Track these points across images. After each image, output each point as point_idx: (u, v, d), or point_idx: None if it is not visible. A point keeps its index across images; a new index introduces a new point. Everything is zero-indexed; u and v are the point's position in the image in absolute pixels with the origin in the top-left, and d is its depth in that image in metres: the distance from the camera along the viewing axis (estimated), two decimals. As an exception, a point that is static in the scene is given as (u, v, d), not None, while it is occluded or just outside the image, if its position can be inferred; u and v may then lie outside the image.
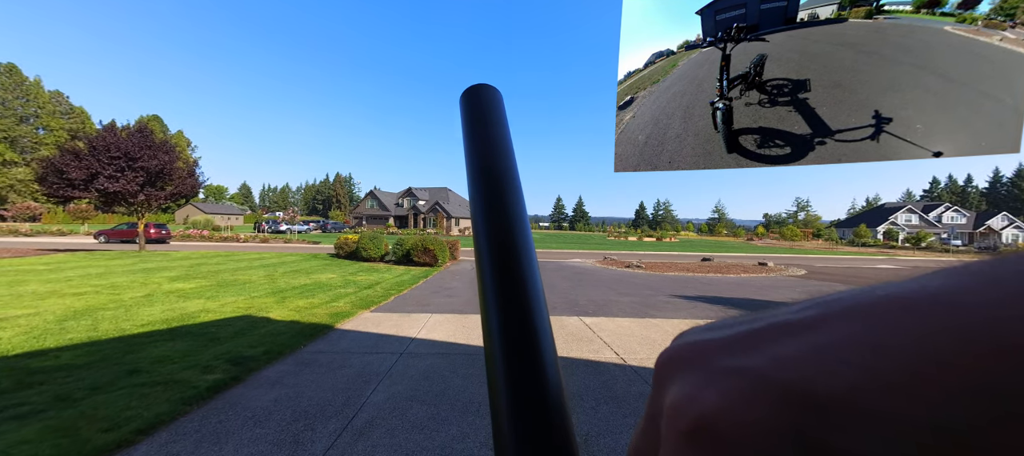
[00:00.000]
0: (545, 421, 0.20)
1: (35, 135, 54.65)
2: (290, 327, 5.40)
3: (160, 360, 4.02)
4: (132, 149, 16.04)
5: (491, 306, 0.24)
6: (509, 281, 0.24)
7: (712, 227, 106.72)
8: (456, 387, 3.50)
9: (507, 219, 0.28)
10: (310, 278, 10.28)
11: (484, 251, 0.26)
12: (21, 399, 3.11)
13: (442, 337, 5.13)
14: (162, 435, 2.67)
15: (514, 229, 0.28)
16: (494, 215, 0.29)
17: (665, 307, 7.73)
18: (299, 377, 3.68)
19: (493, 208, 0.29)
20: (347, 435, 2.69)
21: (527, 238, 0.28)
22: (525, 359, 0.21)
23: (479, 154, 0.33)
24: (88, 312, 6.04)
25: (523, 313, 0.23)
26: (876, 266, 20.47)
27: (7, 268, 10.83)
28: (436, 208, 57.22)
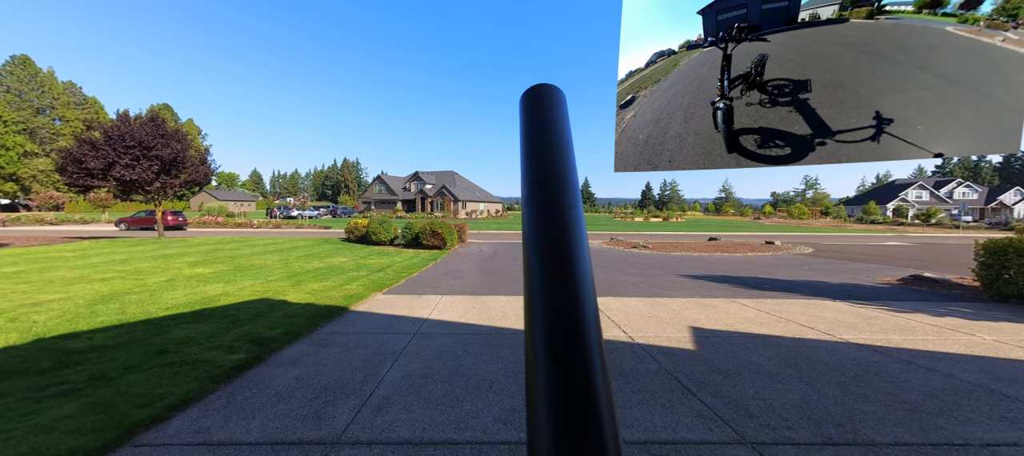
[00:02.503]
0: (586, 414, 0.19)
1: (52, 126, 55.77)
2: (306, 309, 5.58)
3: (186, 341, 4.21)
4: (146, 138, 16.31)
5: (537, 302, 0.23)
6: (560, 284, 0.23)
7: (719, 206, 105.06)
8: (468, 365, 3.61)
9: (562, 223, 0.26)
10: (323, 262, 10.51)
11: (534, 251, 0.25)
12: (61, 378, 3.31)
13: (453, 318, 5.25)
14: (193, 411, 2.83)
15: (569, 234, 0.25)
16: (548, 216, 0.27)
17: (672, 287, 7.75)
18: (318, 356, 3.83)
19: (547, 208, 0.27)
20: (366, 410, 2.82)
21: (582, 244, 0.26)
22: (572, 358, 0.20)
23: (536, 156, 0.31)
24: (115, 296, 6.31)
25: (572, 315, 0.21)
26: (883, 243, 20.02)
27: (37, 255, 11.30)
28: (443, 192, 57.30)
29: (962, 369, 3.66)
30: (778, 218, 68.47)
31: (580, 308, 0.22)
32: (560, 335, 0.20)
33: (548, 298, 0.22)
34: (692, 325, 5.03)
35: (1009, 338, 4.61)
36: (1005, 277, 6.56)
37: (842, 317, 5.57)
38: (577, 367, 0.20)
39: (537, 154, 0.31)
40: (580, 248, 0.25)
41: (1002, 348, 4.26)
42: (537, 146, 0.32)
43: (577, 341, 0.20)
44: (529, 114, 0.34)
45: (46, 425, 2.59)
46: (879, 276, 9.48)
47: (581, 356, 0.20)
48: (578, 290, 0.23)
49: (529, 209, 0.28)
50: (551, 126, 0.33)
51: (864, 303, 6.45)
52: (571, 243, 0.25)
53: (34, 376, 3.34)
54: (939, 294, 7.30)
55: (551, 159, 0.30)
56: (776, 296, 7.00)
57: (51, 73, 57.16)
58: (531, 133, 0.33)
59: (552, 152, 0.31)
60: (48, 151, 50.65)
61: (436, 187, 59.24)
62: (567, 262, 0.24)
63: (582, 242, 0.26)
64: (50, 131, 55.27)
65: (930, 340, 4.52)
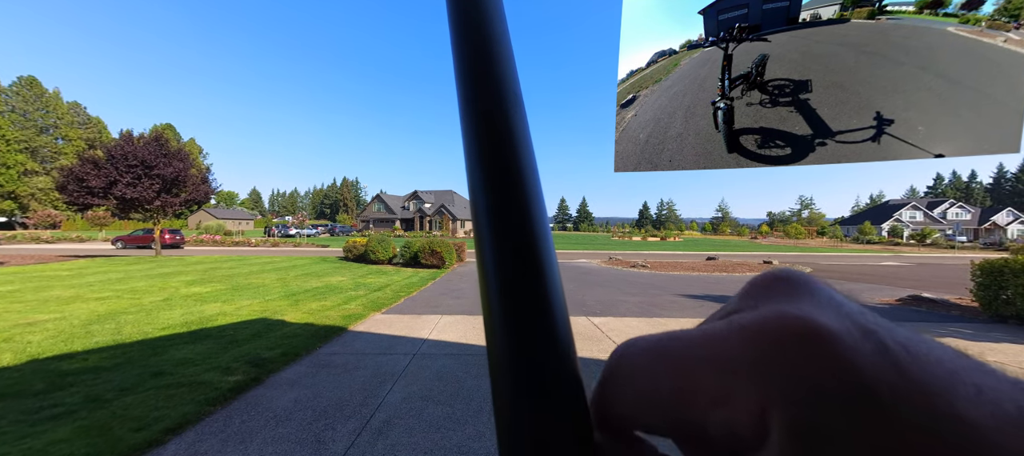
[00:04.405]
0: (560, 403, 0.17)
1: (54, 145, 56.25)
2: (305, 329, 5.52)
3: (183, 362, 4.16)
4: (148, 157, 16.47)
5: (495, 296, 0.19)
6: (523, 279, 0.19)
7: (716, 226, 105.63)
8: (469, 387, 3.57)
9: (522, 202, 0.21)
10: (321, 281, 10.45)
11: (487, 239, 0.20)
12: (55, 400, 3.25)
13: (453, 338, 5.21)
14: (189, 434, 2.78)
15: (530, 214, 0.21)
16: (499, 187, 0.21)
17: (671, 306, 7.72)
18: (317, 378, 3.78)
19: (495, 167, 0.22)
20: (367, 434, 2.77)
21: (545, 231, 0.21)
22: (538, 356, 0.18)
23: (476, 98, 0.23)
24: (111, 316, 6.24)
25: (538, 309, 0.19)
26: (880, 263, 20.10)
27: (33, 274, 11.19)
28: (441, 210, 57.53)
29: (966, 391, 3.65)
30: (775, 238, 68.76)
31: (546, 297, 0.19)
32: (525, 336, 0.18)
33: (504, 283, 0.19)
34: (694, 346, 5.00)
35: (1012, 360, 4.60)
36: (1003, 297, 6.59)
37: (843, 338, 5.55)
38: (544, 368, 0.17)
39: (479, 94, 0.23)
40: (542, 228, 0.21)
41: (1006, 370, 4.25)
42: (474, 80, 0.23)
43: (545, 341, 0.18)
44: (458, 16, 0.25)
45: (40, 449, 2.54)
46: (878, 296, 9.49)
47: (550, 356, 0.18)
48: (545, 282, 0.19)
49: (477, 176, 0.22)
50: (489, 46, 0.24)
51: (864, 323, 6.43)
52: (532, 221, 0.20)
53: (28, 398, 3.28)
54: (938, 314, 7.31)
55: (494, 105, 0.23)
56: (776, 316, 6.97)
57: (57, 93, 58.16)
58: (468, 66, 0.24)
59: (494, 91, 0.23)
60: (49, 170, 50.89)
61: (435, 206, 59.50)
62: (528, 246, 0.20)
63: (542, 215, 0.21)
64: (52, 150, 55.71)
65: (932, 361, 4.50)
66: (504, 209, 0.20)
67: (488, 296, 0.19)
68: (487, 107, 0.23)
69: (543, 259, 0.20)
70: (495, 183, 0.21)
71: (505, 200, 0.21)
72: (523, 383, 0.17)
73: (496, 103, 0.23)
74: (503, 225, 0.20)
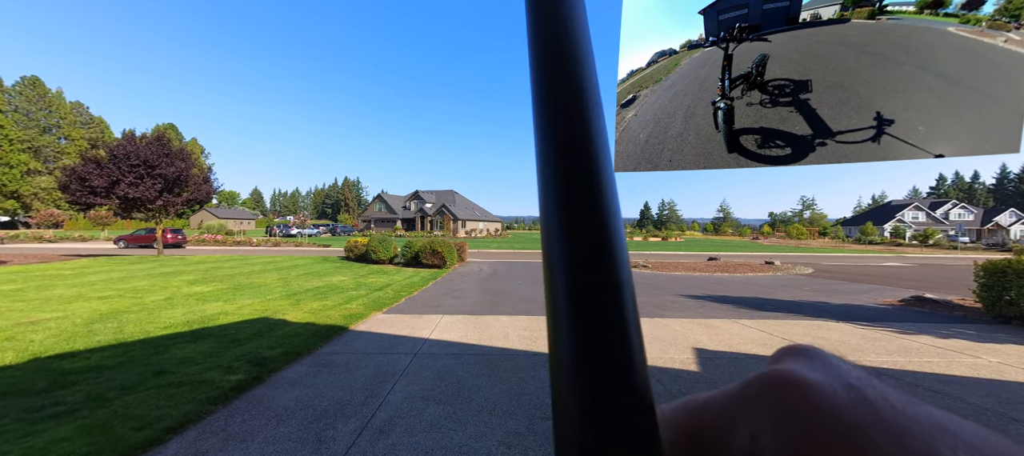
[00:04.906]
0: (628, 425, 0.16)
1: (57, 145, 56.49)
2: (306, 328, 5.53)
3: (184, 361, 4.16)
4: (151, 157, 16.52)
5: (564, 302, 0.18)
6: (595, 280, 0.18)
7: (717, 226, 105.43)
8: (471, 387, 3.57)
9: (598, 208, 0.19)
10: (323, 281, 10.46)
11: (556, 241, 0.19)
12: (57, 399, 3.26)
13: (454, 338, 5.21)
14: (191, 433, 2.78)
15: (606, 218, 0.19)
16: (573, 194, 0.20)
17: (673, 307, 7.71)
18: (318, 377, 3.78)
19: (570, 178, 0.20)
20: (368, 434, 2.77)
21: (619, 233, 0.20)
22: (612, 366, 0.16)
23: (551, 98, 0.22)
24: (113, 315, 6.25)
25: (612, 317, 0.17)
26: (883, 263, 20.03)
27: (35, 273, 11.24)
28: (443, 210, 57.54)
29: (970, 392, 3.63)
30: (776, 238, 68.60)
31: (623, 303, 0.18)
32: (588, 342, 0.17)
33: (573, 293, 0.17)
34: (695, 346, 4.99)
35: (1014, 361, 4.58)
36: (1006, 298, 6.56)
37: (846, 338, 5.54)
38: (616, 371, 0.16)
39: (552, 96, 0.22)
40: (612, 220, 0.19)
41: (1007, 371, 4.23)
42: (552, 81, 0.22)
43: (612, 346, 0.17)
44: (537, 27, 0.24)
45: (41, 448, 2.54)
46: (880, 297, 9.45)
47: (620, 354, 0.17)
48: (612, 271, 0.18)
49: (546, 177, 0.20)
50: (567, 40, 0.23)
51: (867, 324, 6.42)
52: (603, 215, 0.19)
53: (30, 397, 3.29)
54: (941, 315, 7.27)
55: (567, 99, 0.22)
56: (778, 317, 6.97)
57: (59, 93, 58.41)
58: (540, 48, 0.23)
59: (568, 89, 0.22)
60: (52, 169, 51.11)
61: (436, 206, 59.53)
62: (596, 242, 0.18)
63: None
64: (55, 149, 55.94)
65: (935, 362, 4.48)
66: (577, 210, 0.19)
67: (555, 302, 0.18)
68: (564, 100, 0.21)
69: (618, 266, 0.18)
70: (568, 182, 0.20)
71: (578, 201, 0.19)
72: (588, 399, 0.16)
73: (573, 98, 0.21)
74: (576, 227, 0.19)
